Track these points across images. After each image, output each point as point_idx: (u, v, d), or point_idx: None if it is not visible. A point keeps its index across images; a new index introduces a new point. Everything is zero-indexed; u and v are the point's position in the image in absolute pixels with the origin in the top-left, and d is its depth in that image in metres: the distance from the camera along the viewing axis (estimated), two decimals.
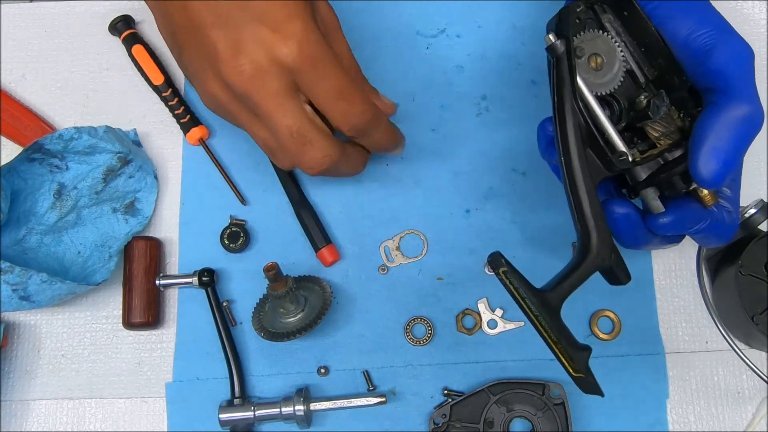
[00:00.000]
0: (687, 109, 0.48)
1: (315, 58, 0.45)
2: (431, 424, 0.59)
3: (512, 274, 0.43)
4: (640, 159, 0.47)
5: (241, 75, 0.45)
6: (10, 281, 0.55)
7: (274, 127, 0.47)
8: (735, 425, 0.60)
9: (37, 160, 0.61)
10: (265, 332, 0.58)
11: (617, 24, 0.49)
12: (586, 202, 0.45)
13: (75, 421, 0.61)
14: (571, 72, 0.46)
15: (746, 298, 0.56)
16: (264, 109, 0.46)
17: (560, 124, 0.46)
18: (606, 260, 0.45)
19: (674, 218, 0.47)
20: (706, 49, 0.45)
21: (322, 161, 0.49)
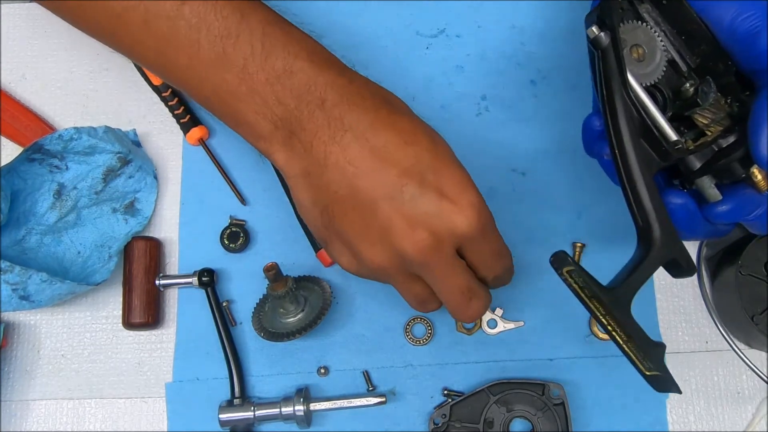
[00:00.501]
0: (735, 95, 0.47)
1: (485, 225, 0.46)
2: (431, 424, 0.59)
3: (578, 273, 0.42)
4: (694, 147, 0.46)
5: (419, 246, 0.45)
6: (10, 281, 0.55)
7: (446, 287, 0.48)
8: (735, 425, 0.60)
9: (37, 160, 0.61)
10: (265, 332, 0.58)
11: (655, 14, 0.49)
12: (645, 194, 0.44)
13: (75, 421, 0.61)
14: (619, 64, 0.45)
15: (746, 298, 0.56)
16: (438, 273, 0.47)
17: (612, 117, 0.45)
18: (671, 252, 0.44)
19: (733, 205, 0.46)
20: (754, 32, 0.45)
21: (484, 310, 0.50)
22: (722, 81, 0.48)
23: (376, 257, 0.47)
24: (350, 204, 0.46)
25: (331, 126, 0.46)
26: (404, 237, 0.45)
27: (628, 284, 0.44)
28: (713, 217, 0.47)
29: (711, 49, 0.47)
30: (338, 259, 0.50)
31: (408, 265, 0.47)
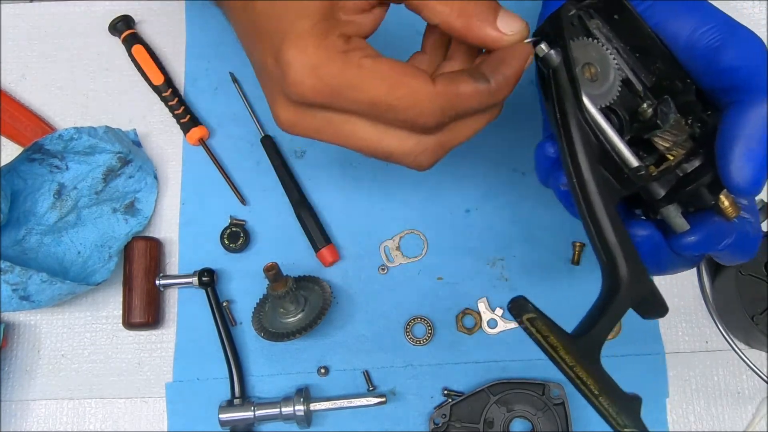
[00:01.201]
0: (696, 115, 0.43)
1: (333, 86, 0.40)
2: (431, 424, 0.59)
3: (541, 320, 0.37)
4: (657, 173, 0.42)
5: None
6: (10, 281, 0.55)
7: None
8: (735, 425, 0.60)
9: (37, 160, 0.61)
10: (265, 332, 0.58)
11: (606, 29, 0.45)
12: (609, 227, 0.40)
13: (75, 421, 0.61)
14: (573, 83, 0.41)
15: (746, 298, 0.56)
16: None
17: (567, 143, 0.41)
18: (641, 291, 0.40)
19: (702, 236, 0.42)
20: (714, 47, 0.41)
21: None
22: (681, 100, 0.44)
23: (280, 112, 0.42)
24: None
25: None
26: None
27: (596, 331, 0.38)
28: (681, 249, 0.43)
29: (668, 67, 0.44)
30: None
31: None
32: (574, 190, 0.41)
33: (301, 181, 0.65)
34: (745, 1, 0.69)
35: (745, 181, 0.39)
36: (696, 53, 0.42)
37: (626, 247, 0.40)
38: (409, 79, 0.39)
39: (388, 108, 0.40)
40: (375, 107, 0.40)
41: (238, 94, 0.67)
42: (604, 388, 0.38)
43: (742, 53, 0.41)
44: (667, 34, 0.43)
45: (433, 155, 0.43)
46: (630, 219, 0.44)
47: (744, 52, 0.41)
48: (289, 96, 0.40)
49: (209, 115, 0.67)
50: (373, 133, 0.41)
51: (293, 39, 0.39)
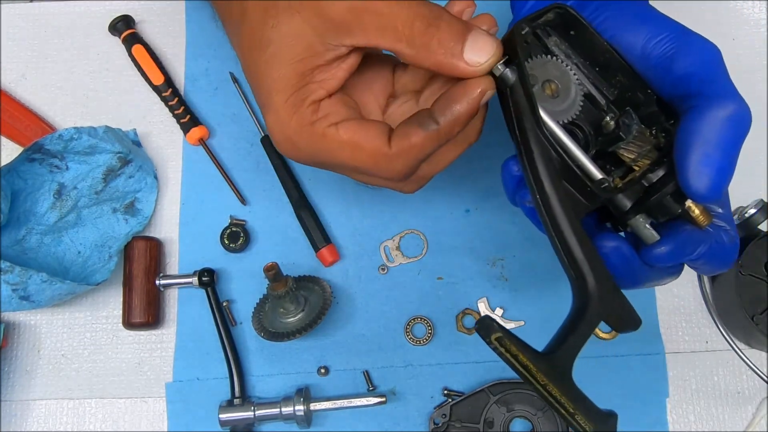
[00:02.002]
0: (659, 124, 0.44)
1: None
2: (431, 424, 0.59)
3: (509, 339, 0.36)
4: (622, 185, 0.42)
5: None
6: (10, 281, 0.55)
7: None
8: (735, 425, 0.60)
9: (37, 160, 0.61)
10: (265, 332, 0.58)
11: (564, 46, 0.45)
12: (575, 242, 0.39)
13: (75, 421, 0.61)
14: (530, 101, 0.41)
15: (746, 298, 0.56)
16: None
17: (528, 160, 0.41)
18: (611, 305, 0.40)
19: (673, 246, 0.41)
20: (668, 55, 0.41)
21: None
22: (644, 111, 0.44)
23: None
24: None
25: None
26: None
27: (567, 348, 0.38)
28: (652, 260, 0.42)
29: (628, 79, 0.44)
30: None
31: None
32: (538, 207, 0.41)
33: (301, 181, 0.65)
34: (745, 1, 0.69)
35: (704, 187, 0.39)
36: (651, 63, 0.42)
37: (594, 262, 0.39)
38: (367, 144, 0.43)
39: (355, 169, 0.45)
40: (343, 169, 0.46)
41: (238, 94, 0.67)
42: (578, 407, 0.37)
43: (695, 60, 0.41)
44: (623, 46, 0.43)
45: (415, 186, 0.48)
46: (599, 232, 0.44)
47: (697, 59, 0.41)
48: (279, 150, 0.46)
49: (209, 115, 0.67)
50: (362, 177, 0.47)
51: (270, 110, 0.44)
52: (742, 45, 0.68)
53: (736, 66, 0.66)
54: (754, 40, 0.68)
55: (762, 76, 0.67)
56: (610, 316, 0.40)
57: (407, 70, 0.49)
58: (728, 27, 0.68)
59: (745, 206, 0.58)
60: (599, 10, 0.44)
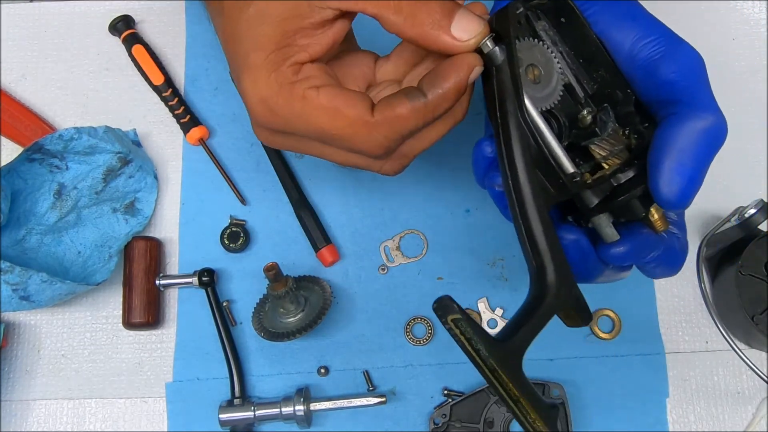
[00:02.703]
0: (634, 126, 0.43)
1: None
2: (431, 424, 0.59)
3: (467, 322, 0.36)
4: (592, 181, 0.42)
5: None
6: (10, 281, 0.55)
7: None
8: (735, 425, 0.60)
9: (37, 160, 0.61)
10: (265, 332, 0.58)
11: (553, 32, 0.44)
12: (540, 231, 0.39)
13: (75, 421, 0.61)
14: (515, 83, 0.40)
15: (746, 298, 0.56)
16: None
17: (506, 143, 0.40)
18: (567, 299, 0.39)
19: (630, 247, 0.42)
20: (655, 58, 0.41)
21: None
22: (621, 111, 0.43)
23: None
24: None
25: None
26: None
27: (520, 337, 0.38)
28: (609, 259, 0.42)
29: (610, 76, 0.43)
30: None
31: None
32: (508, 193, 0.41)
33: (301, 181, 0.65)
34: (745, 1, 0.69)
35: (674, 195, 0.39)
36: (637, 64, 0.42)
37: (556, 254, 0.39)
38: (348, 111, 0.41)
39: (333, 137, 0.42)
40: (321, 136, 0.42)
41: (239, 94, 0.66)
42: (523, 394, 0.37)
43: (680, 68, 0.41)
44: (611, 42, 0.43)
45: (397, 165, 0.45)
46: (561, 224, 0.44)
47: (682, 67, 0.41)
48: (252, 119, 0.43)
49: (209, 115, 0.67)
50: (337, 152, 0.44)
51: (247, 70, 0.41)
52: (742, 45, 0.68)
53: (736, 66, 0.67)
54: (754, 40, 0.68)
55: (762, 76, 0.67)
56: (565, 309, 0.40)
57: (389, 59, 0.48)
58: (728, 27, 0.68)
59: (745, 206, 0.58)
60: (592, 1, 0.44)
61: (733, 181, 0.64)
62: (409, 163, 0.46)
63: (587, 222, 0.44)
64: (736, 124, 0.65)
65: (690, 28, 0.68)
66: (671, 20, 0.68)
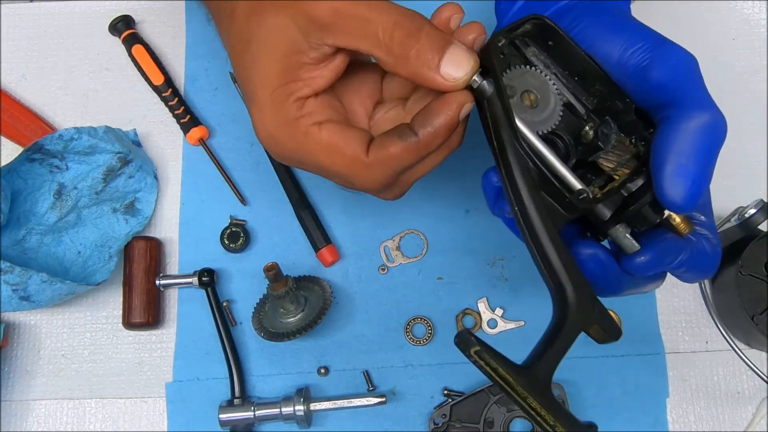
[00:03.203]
0: (638, 133, 0.44)
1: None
2: (431, 424, 0.59)
3: (488, 352, 0.36)
4: (601, 195, 0.42)
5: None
6: (10, 281, 0.55)
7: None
8: (735, 425, 0.60)
9: (37, 160, 0.61)
10: (265, 332, 0.58)
11: (543, 56, 0.45)
12: (553, 252, 0.39)
13: (75, 421, 0.61)
14: (506, 112, 0.41)
15: (746, 298, 0.56)
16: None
17: (506, 171, 0.41)
18: (590, 316, 0.39)
19: (653, 255, 0.41)
20: (644, 65, 0.41)
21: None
22: (623, 120, 0.44)
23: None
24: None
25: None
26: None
27: (546, 360, 0.38)
28: (633, 270, 0.42)
29: (606, 88, 0.44)
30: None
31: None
32: (517, 219, 0.41)
33: (301, 181, 0.65)
34: (745, 1, 0.69)
35: (679, 197, 0.39)
36: (627, 72, 0.42)
37: (572, 273, 0.39)
38: (346, 150, 0.43)
39: (332, 174, 0.44)
40: (322, 171, 0.45)
41: (238, 94, 0.67)
42: (559, 419, 0.37)
43: (669, 69, 0.41)
44: (600, 55, 0.43)
45: (396, 192, 0.47)
46: (578, 239, 0.44)
47: (671, 68, 0.41)
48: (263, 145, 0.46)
49: (209, 115, 0.67)
50: (340, 182, 0.46)
51: (255, 106, 0.44)
52: (742, 45, 0.68)
53: (736, 66, 0.67)
54: (754, 40, 0.68)
55: (762, 76, 0.67)
56: (591, 328, 0.40)
57: (395, 76, 0.49)
58: (728, 27, 0.68)
59: (745, 206, 0.58)
60: (576, 20, 0.44)
61: (733, 181, 0.64)
62: (407, 189, 0.48)
63: (605, 236, 0.43)
64: (736, 124, 0.65)
65: (690, 28, 0.68)
66: (671, 20, 0.68)
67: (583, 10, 0.45)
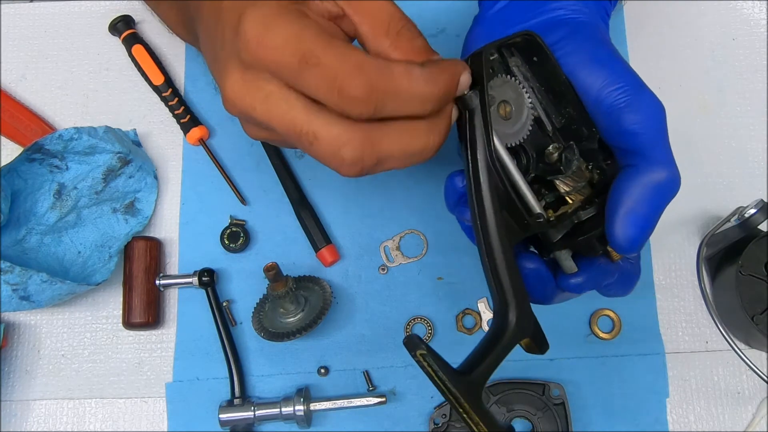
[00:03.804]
0: (596, 161, 0.46)
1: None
2: (431, 424, 0.59)
3: (431, 357, 0.39)
4: (554, 218, 0.44)
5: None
6: (10, 281, 0.55)
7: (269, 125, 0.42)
8: (735, 425, 0.60)
9: (37, 160, 0.61)
10: (265, 332, 0.58)
11: (525, 68, 0.45)
12: (504, 271, 0.42)
13: (75, 421, 0.61)
14: (486, 128, 0.41)
15: (746, 298, 0.56)
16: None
17: (475, 185, 0.42)
18: (527, 332, 0.42)
19: (587, 277, 0.45)
20: (620, 107, 0.43)
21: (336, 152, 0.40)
22: (585, 146, 0.46)
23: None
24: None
25: None
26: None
27: (483, 369, 0.41)
28: (569, 288, 0.46)
29: (577, 114, 0.45)
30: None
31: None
32: (476, 232, 0.42)
33: (301, 181, 0.65)
34: (745, 1, 0.69)
35: (627, 243, 0.42)
36: (601, 109, 0.44)
37: (518, 291, 0.42)
38: (344, 44, 0.39)
39: (317, 64, 0.38)
40: (305, 60, 0.38)
41: None
42: (483, 420, 0.40)
43: (642, 119, 0.43)
44: (579, 84, 0.44)
45: (358, 148, 0.40)
46: (522, 252, 0.46)
47: (644, 119, 0.43)
48: (238, 54, 0.40)
49: (209, 115, 0.67)
50: (304, 115, 0.40)
51: (255, 4, 0.39)
52: (742, 45, 0.68)
53: (736, 66, 0.67)
54: (754, 40, 0.68)
55: (762, 76, 0.67)
56: (525, 341, 0.43)
57: None
58: (728, 27, 0.68)
59: (745, 206, 0.58)
60: (563, 41, 0.45)
61: (733, 181, 0.64)
62: (369, 161, 0.41)
63: (549, 253, 0.46)
64: (736, 124, 0.66)
65: (690, 28, 0.68)
66: (672, 20, 0.68)
67: (574, 31, 0.45)
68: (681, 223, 0.64)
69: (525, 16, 0.47)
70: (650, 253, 0.63)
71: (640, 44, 0.67)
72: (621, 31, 0.68)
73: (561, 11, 0.46)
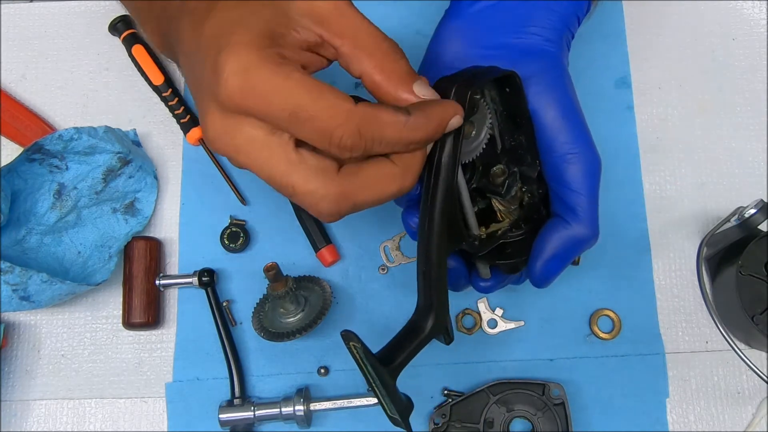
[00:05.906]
0: (530, 187, 0.50)
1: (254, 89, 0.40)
2: (431, 424, 0.59)
3: (362, 348, 0.44)
4: (485, 236, 0.49)
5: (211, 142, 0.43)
6: (10, 281, 0.55)
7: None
8: (735, 425, 0.60)
9: (37, 160, 0.61)
10: (265, 332, 0.58)
11: (495, 93, 0.48)
12: (438, 276, 0.45)
13: (75, 421, 0.61)
14: (454, 159, 0.44)
15: (746, 298, 0.56)
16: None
17: (430, 205, 0.44)
18: (441, 330, 0.46)
19: (496, 282, 0.52)
20: (566, 161, 0.47)
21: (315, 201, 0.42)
22: (524, 171, 0.50)
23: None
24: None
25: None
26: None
27: (401, 360, 0.45)
28: (477, 288, 0.53)
29: (528, 143, 0.48)
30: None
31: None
32: (421, 237, 0.45)
33: None
34: (745, 1, 0.69)
35: (542, 282, 0.50)
36: (552, 155, 0.47)
37: (443, 295, 0.46)
38: (333, 95, 0.40)
39: (309, 118, 0.40)
40: (296, 114, 0.40)
41: None
42: (392, 400, 0.46)
43: (582, 179, 0.47)
44: (539, 124, 0.47)
45: (334, 203, 0.42)
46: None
47: (584, 179, 0.47)
48: (219, 99, 0.40)
49: None
50: (284, 165, 0.41)
51: (232, 46, 0.40)
52: (742, 45, 0.68)
53: (736, 66, 0.67)
54: (754, 40, 0.68)
55: (762, 76, 0.67)
56: (438, 335, 0.47)
57: None
58: (728, 27, 0.68)
59: (745, 206, 0.58)
60: (534, 78, 0.47)
61: (733, 181, 0.64)
62: (345, 210, 0.43)
63: (471, 259, 0.51)
64: (736, 124, 0.66)
65: (690, 28, 0.68)
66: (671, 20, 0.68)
67: (544, 70, 0.47)
68: (681, 223, 0.64)
69: (505, 28, 0.48)
70: (650, 253, 0.63)
71: (640, 44, 0.67)
72: (621, 31, 0.68)
73: (537, 37, 0.48)
